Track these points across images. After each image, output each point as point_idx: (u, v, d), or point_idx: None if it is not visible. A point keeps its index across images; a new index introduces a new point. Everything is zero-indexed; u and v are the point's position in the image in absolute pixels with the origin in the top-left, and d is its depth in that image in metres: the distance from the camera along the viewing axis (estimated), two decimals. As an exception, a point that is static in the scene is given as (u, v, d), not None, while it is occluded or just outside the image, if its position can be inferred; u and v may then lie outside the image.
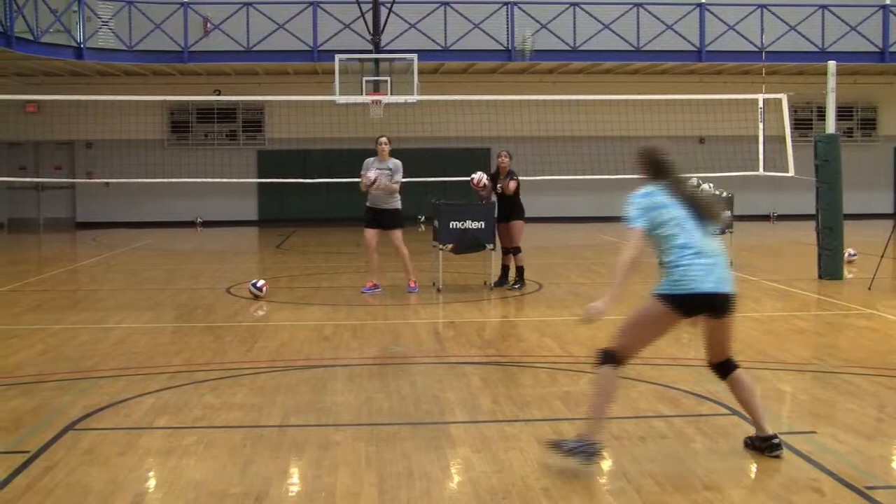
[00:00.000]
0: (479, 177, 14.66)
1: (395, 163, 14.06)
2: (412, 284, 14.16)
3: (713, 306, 5.94)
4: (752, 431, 6.65)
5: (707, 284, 5.86)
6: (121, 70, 28.03)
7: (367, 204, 14.13)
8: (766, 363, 9.09)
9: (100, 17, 26.75)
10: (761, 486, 5.77)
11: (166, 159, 29.11)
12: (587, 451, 5.86)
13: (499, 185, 14.45)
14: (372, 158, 14.13)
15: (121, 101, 25.03)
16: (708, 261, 5.90)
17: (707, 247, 5.94)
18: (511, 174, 14.52)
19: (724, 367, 6.21)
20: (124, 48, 26.74)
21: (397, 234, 14.09)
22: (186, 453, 6.30)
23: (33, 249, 24.07)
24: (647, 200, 6.01)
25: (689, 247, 5.90)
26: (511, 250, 14.53)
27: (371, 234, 14.09)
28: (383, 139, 14.15)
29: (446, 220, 14.12)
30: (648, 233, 5.98)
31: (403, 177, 14.13)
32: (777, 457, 6.07)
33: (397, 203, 14.12)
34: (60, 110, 27.18)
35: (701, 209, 6.02)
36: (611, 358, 5.99)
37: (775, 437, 6.15)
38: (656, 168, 6.15)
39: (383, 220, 14.06)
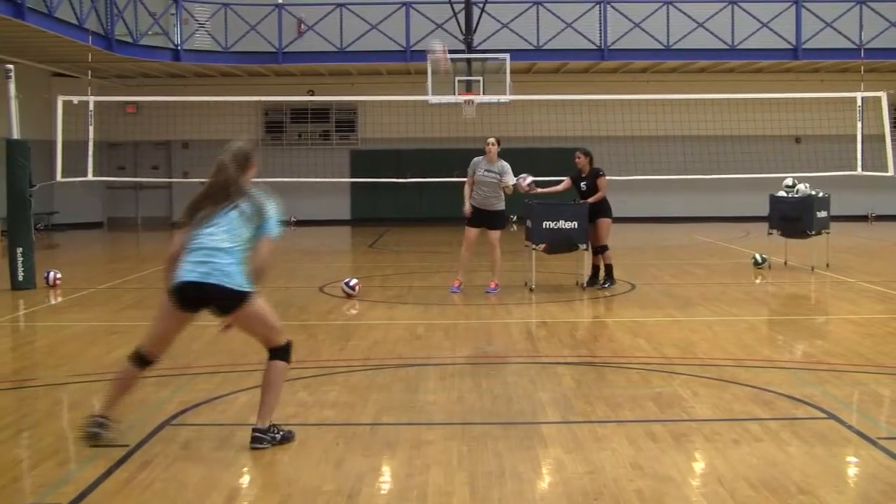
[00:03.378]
0: (520, 180, 14.23)
1: (503, 165, 14.02)
2: (493, 286, 14.02)
3: (206, 298, 6.31)
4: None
5: (190, 275, 6.28)
6: (217, 71, 28.50)
7: (473, 203, 14.05)
8: (865, 366, 8.90)
9: (196, 20, 27.24)
10: (860, 491, 5.65)
11: (261, 159, 29.41)
12: (98, 426, 6.40)
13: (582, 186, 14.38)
14: (479, 158, 14.10)
15: (216, 102, 25.41)
16: (197, 256, 6.33)
17: (206, 243, 6.37)
18: (598, 172, 14.43)
19: (271, 353, 6.69)
20: (220, 49, 27.19)
21: (497, 235, 14.04)
22: (280, 450, 6.38)
23: (132, 247, 24.59)
24: None
25: (188, 243, 6.45)
26: (598, 249, 14.46)
27: (473, 232, 14.08)
28: (491, 139, 14.09)
29: (539, 219, 14.06)
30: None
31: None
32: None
33: (503, 204, 14.10)
34: (158, 111, 27.76)
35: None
36: (137, 358, 6.47)
37: (268, 430, 6.41)
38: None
39: (487, 220, 14.01)
